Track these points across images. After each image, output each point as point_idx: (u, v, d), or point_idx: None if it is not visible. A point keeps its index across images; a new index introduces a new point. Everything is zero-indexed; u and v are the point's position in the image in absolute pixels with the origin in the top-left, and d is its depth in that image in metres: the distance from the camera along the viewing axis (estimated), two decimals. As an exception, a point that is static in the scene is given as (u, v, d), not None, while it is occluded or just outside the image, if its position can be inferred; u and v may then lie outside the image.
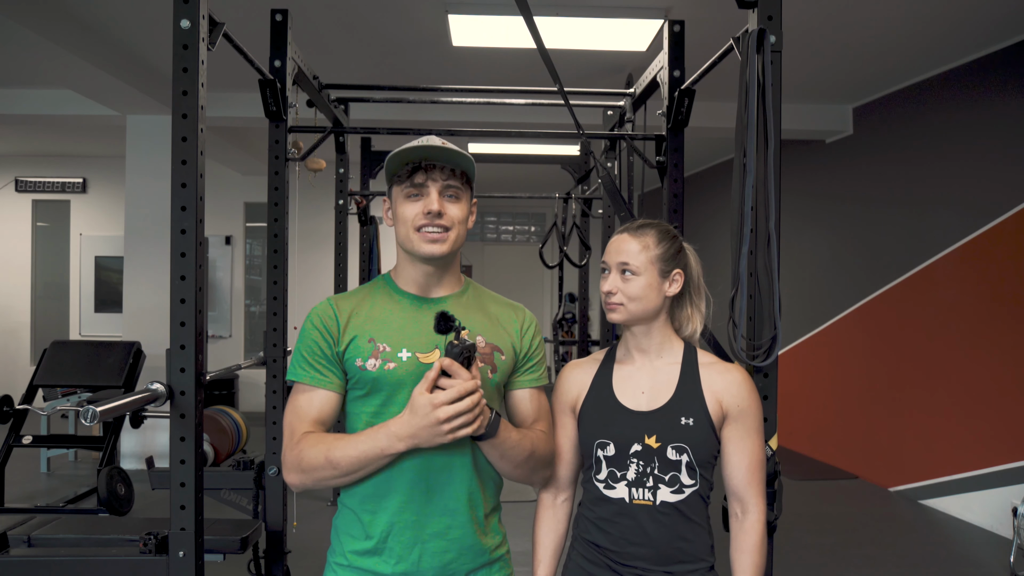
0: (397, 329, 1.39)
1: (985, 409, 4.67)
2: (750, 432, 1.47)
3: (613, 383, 1.53)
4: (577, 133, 2.69)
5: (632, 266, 1.48)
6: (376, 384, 1.36)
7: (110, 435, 4.69)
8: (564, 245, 4.90)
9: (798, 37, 4.40)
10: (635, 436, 1.46)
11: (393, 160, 1.39)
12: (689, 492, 1.45)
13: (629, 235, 1.51)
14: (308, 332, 1.40)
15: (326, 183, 5.75)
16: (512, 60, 4.85)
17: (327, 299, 1.44)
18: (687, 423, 1.44)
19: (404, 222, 1.39)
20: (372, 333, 1.38)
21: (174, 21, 1.97)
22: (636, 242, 1.50)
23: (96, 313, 8.69)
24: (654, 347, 1.53)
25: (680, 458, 1.44)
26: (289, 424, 1.37)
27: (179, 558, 1.95)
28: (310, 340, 1.39)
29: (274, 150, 2.85)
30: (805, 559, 4.13)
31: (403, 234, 1.40)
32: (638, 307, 1.49)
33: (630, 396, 1.51)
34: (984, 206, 4.71)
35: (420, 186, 1.38)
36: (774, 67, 1.83)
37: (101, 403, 1.81)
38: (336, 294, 1.49)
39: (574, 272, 4.85)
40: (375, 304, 1.43)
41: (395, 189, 1.42)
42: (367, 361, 1.36)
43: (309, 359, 1.39)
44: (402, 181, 1.39)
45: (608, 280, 1.51)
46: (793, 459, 6.45)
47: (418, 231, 1.38)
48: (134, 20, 4.34)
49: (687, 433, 1.44)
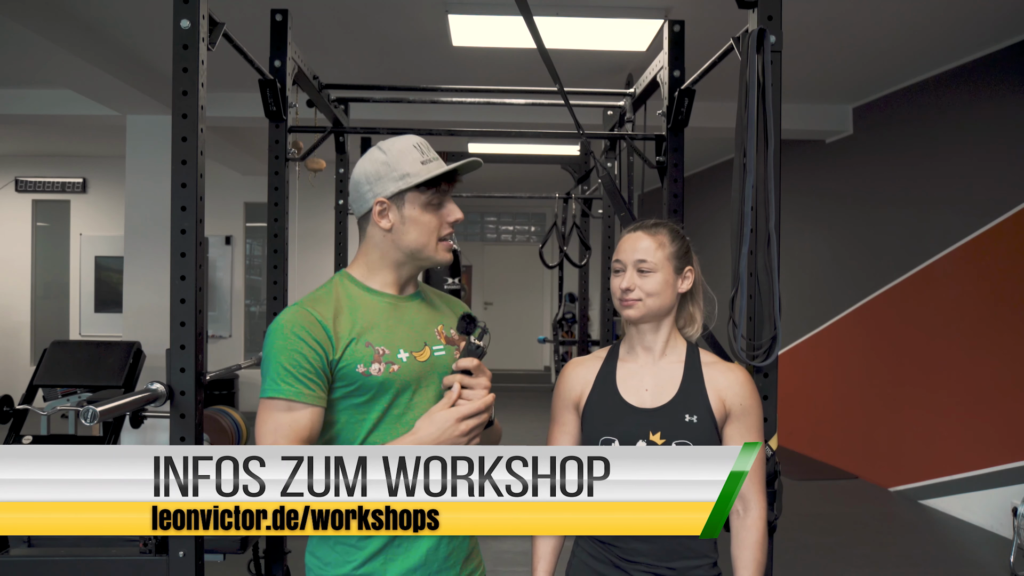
0: (387, 331, 1.39)
1: (985, 409, 4.67)
2: (751, 431, 1.50)
3: (617, 380, 1.55)
4: (577, 133, 2.69)
5: (649, 263, 1.51)
6: (382, 388, 1.35)
7: (110, 435, 4.67)
8: (564, 245, 4.90)
9: (798, 37, 4.39)
10: (640, 433, 1.48)
11: (431, 172, 1.37)
12: None
13: (644, 232, 1.55)
14: (288, 342, 1.30)
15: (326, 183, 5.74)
16: (512, 60, 4.85)
17: (299, 305, 1.35)
18: (691, 420, 1.47)
19: (427, 230, 1.39)
20: (367, 337, 1.36)
21: (174, 21, 1.96)
22: (652, 240, 1.53)
23: (96, 313, 8.69)
24: (660, 345, 1.55)
25: None
26: (273, 443, 1.26)
27: (179, 558, 1.95)
28: (292, 351, 1.29)
29: (274, 150, 2.84)
30: (805, 559, 4.13)
31: (420, 241, 1.39)
32: (655, 303, 1.51)
33: (634, 393, 1.52)
34: (984, 206, 4.70)
35: (444, 193, 1.40)
36: (774, 67, 1.83)
37: (101, 403, 1.81)
38: (304, 299, 1.38)
39: (574, 272, 4.85)
40: (355, 307, 1.38)
41: (412, 195, 1.38)
42: (370, 367, 1.34)
43: (294, 372, 1.28)
44: (426, 189, 1.38)
45: (625, 277, 1.52)
46: (793, 459, 6.45)
47: (441, 240, 1.40)
48: (134, 20, 4.33)
49: (691, 430, 1.46)
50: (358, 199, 1.41)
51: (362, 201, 1.41)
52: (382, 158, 1.39)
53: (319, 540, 1.38)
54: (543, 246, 5.00)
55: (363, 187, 1.40)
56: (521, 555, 4.14)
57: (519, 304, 11.44)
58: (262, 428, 1.28)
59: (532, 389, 10.63)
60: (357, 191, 1.41)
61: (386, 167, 1.38)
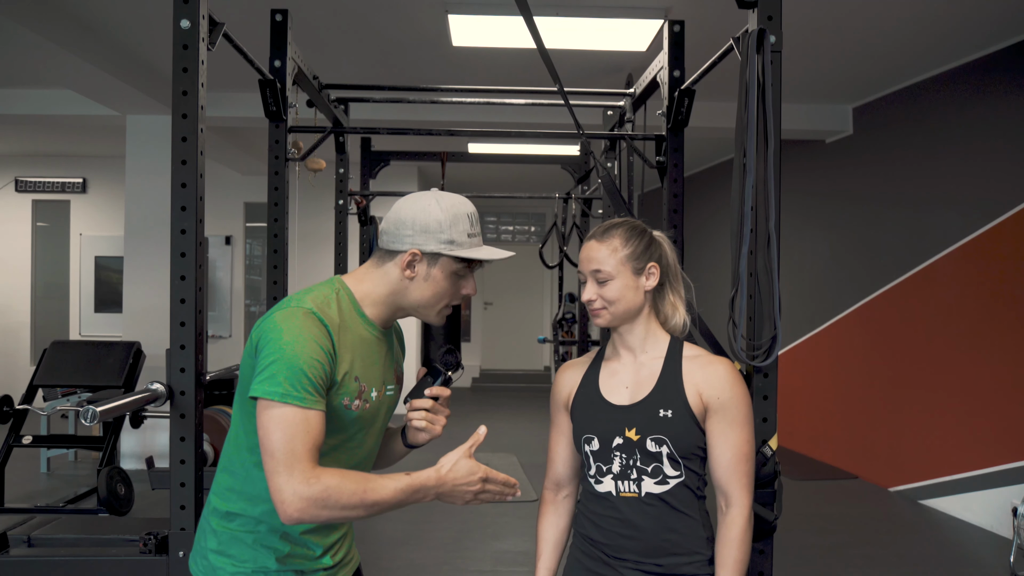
0: (371, 365, 1.41)
1: (985, 409, 4.67)
2: (732, 425, 1.47)
3: (599, 380, 1.57)
4: (577, 133, 2.69)
5: (604, 271, 1.51)
6: (353, 423, 1.39)
7: (110, 435, 4.69)
8: (564, 245, 4.90)
9: (798, 37, 4.40)
10: (616, 430, 1.50)
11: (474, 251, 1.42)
12: (675, 483, 1.47)
13: (596, 241, 1.54)
14: (308, 345, 1.27)
15: (326, 183, 5.74)
16: (512, 60, 4.85)
17: (308, 309, 1.32)
18: (665, 415, 1.47)
19: (442, 295, 1.43)
20: (357, 371, 1.37)
21: (174, 21, 1.97)
22: (604, 247, 1.52)
23: (96, 313, 8.69)
24: (638, 342, 1.55)
25: (660, 450, 1.47)
26: (290, 451, 1.22)
27: (179, 558, 1.95)
28: (313, 357, 1.27)
29: (274, 150, 2.85)
30: (805, 559, 4.13)
31: (430, 301, 1.43)
32: (620, 308, 1.51)
33: (614, 391, 1.54)
34: (984, 206, 4.70)
35: (472, 271, 1.46)
36: (774, 67, 1.83)
37: (101, 403, 1.81)
38: (309, 299, 1.34)
39: (574, 272, 4.85)
40: (353, 332, 1.38)
41: (447, 260, 1.40)
42: (352, 402, 1.37)
43: (314, 379, 1.27)
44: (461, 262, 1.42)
45: (587, 289, 1.54)
46: (793, 459, 6.45)
47: (446, 307, 1.45)
48: (134, 20, 4.34)
49: (665, 425, 1.46)
50: (396, 237, 1.40)
51: (398, 241, 1.40)
52: (437, 215, 1.38)
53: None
54: (543, 246, 5.00)
55: (405, 230, 1.39)
56: (521, 555, 4.14)
57: (519, 304, 11.45)
58: (275, 425, 1.24)
59: (532, 389, 10.63)
60: (398, 230, 1.40)
61: (437, 225, 1.38)
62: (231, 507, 1.38)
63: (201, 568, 1.41)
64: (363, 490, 1.24)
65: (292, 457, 1.22)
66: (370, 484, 1.26)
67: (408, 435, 1.54)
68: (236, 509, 1.38)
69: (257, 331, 1.33)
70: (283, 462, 1.22)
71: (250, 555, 1.37)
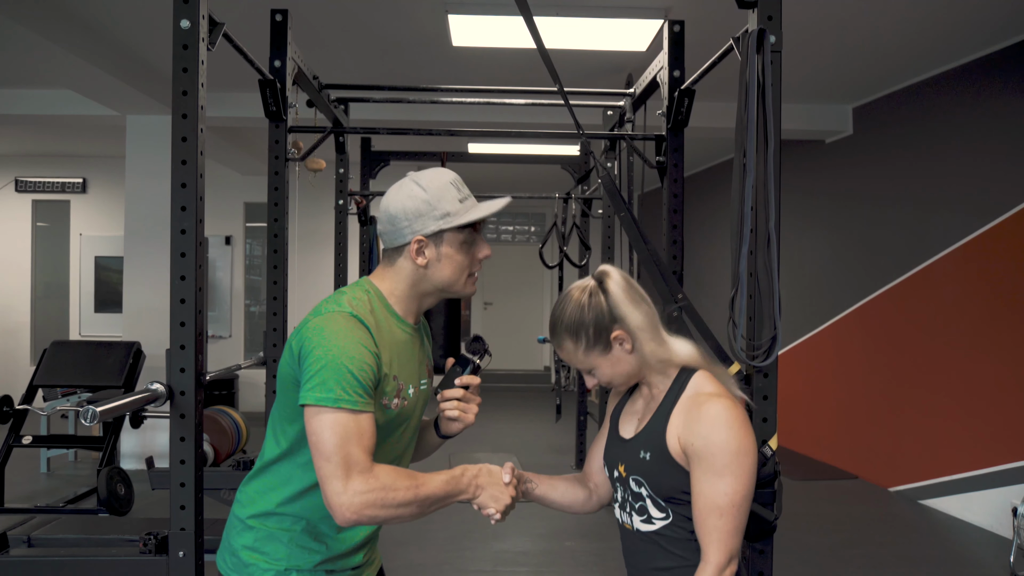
0: (407, 363, 1.43)
1: (985, 409, 4.67)
2: (707, 474, 1.33)
3: (623, 408, 1.56)
4: (577, 133, 2.68)
5: (584, 367, 1.46)
6: (393, 422, 1.40)
7: (110, 435, 4.69)
8: (564, 245, 4.90)
9: (798, 37, 4.39)
10: (614, 462, 1.50)
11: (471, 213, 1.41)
12: (660, 524, 1.42)
13: (558, 343, 1.47)
14: (355, 348, 1.28)
15: (326, 183, 5.75)
16: (512, 60, 4.85)
17: (348, 312, 1.33)
18: (644, 457, 1.42)
19: (461, 267, 1.42)
20: (396, 370, 1.38)
21: (174, 21, 1.97)
22: (564, 351, 1.46)
23: (96, 313, 8.69)
24: (652, 379, 1.48)
25: (641, 490, 1.43)
26: (346, 455, 1.24)
27: (179, 558, 1.95)
28: (361, 359, 1.28)
29: (274, 150, 2.85)
30: (805, 559, 4.13)
31: (453, 277, 1.42)
32: (620, 379, 1.46)
33: (626, 422, 1.53)
34: (984, 206, 4.70)
35: (478, 232, 1.44)
36: (774, 67, 1.83)
37: (101, 403, 1.81)
38: (348, 302, 1.35)
39: (574, 272, 4.86)
40: (388, 332, 1.39)
41: (451, 234, 1.39)
42: (392, 401, 1.38)
43: (364, 381, 1.28)
44: (464, 228, 1.40)
45: (586, 378, 1.49)
46: (793, 459, 6.45)
47: (471, 276, 1.44)
48: (134, 20, 4.34)
49: (644, 467, 1.42)
50: (394, 233, 1.40)
51: (399, 236, 1.40)
52: (422, 195, 1.38)
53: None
54: (543, 246, 5.00)
55: (401, 222, 1.38)
56: (521, 555, 4.14)
57: (519, 304, 11.44)
58: (329, 429, 1.25)
59: (532, 389, 10.63)
60: (394, 225, 1.39)
61: (427, 205, 1.37)
62: (268, 507, 1.41)
63: (230, 564, 1.42)
64: (415, 485, 1.28)
65: (348, 461, 1.24)
66: (419, 479, 1.30)
67: (442, 426, 1.55)
68: (274, 508, 1.40)
69: (298, 338, 1.32)
70: (340, 465, 1.23)
71: (284, 553, 1.39)
